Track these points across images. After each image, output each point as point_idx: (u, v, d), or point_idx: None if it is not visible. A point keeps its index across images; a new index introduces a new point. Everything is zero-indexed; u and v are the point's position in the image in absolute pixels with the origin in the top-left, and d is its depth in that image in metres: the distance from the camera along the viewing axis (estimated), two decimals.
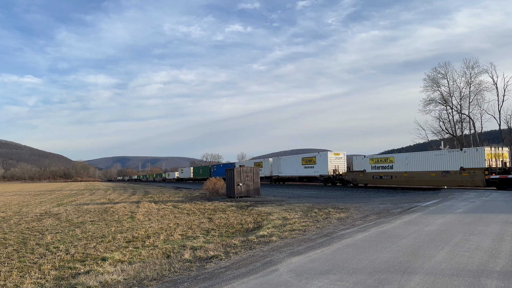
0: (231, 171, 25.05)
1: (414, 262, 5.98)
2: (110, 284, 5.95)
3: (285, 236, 9.24)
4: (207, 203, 21.40)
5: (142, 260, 7.93)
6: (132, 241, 10.54)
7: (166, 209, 19.29)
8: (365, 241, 7.94)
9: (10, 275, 7.38)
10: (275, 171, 47.82)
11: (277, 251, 7.41)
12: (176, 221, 14.24)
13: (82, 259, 8.48)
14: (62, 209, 21.15)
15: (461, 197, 17.32)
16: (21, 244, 10.85)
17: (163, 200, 26.06)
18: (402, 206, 14.81)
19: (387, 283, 4.98)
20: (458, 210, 12.54)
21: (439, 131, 46.99)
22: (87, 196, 35.60)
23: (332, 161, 37.73)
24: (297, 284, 5.12)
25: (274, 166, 48.21)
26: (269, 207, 17.01)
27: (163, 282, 5.80)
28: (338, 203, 17.92)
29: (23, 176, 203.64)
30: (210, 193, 27.61)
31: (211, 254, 7.62)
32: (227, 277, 5.69)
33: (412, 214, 11.94)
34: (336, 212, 13.70)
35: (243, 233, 10.90)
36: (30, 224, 15.05)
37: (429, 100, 47.01)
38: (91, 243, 10.49)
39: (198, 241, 9.79)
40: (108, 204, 23.93)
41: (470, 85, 44.42)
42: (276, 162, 48.25)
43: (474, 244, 7.22)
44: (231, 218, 14.25)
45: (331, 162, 37.63)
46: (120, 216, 17.05)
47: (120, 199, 29.72)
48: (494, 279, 5.06)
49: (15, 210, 22.10)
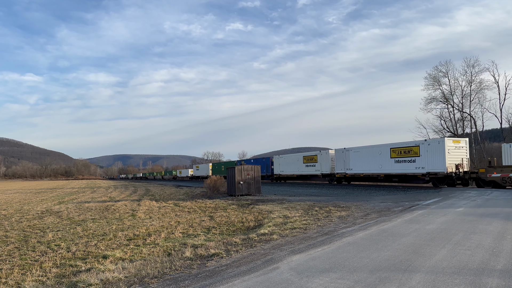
0: (232, 169, 25.05)
1: (415, 261, 5.98)
2: (111, 281, 5.96)
3: (286, 234, 9.24)
4: (208, 201, 21.42)
5: (143, 258, 7.94)
6: (133, 239, 10.55)
7: (167, 207, 19.31)
8: (366, 239, 7.93)
9: (11, 272, 7.40)
10: (340, 167, 34.78)
11: (278, 249, 7.41)
12: (177, 219, 14.26)
13: (83, 257, 8.50)
14: (63, 207, 21.19)
15: (462, 196, 17.30)
16: (23, 241, 10.88)
17: (164, 198, 26.09)
18: (403, 204, 14.80)
19: (388, 281, 4.98)
20: (459, 209, 12.52)
21: (440, 130, 46.97)
22: (88, 194, 35.66)
23: (451, 152, 25.66)
24: (298, 282, 5.12)
25: (338, 161, 34.94)
26: (270, 205, 17.01)
27: (164, 280, 5.81)
28: (339, 201, 17.92)
29: (25, 174, 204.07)
30: (211, 191, 27.63)
31: (212, 252, 7.63)
32: (228, 275, 5.69)
33: (413, 213, 11.93)
34: (337, 211, 13.70)
35: (244, 231, 10.91)
36: (31, 222, 15.09)
37: (431, 98, 47.00)
38: (92, 241, 10.51)
39: (199, 239, 9.80)
40: (109, 202, 23.97)
41: (471, 84, 44.36)
42: (341, 155, 34.45)
43: (475, 242, 7.21)
44: (232, 216, 14.26)
45: (449, 153, 25.73)
46: (121, 214, 17.07)
47: (121, 197, 29.77)
48: (495, 277, 5.05)
49: (16, 208, 22.15)
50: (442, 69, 46.17)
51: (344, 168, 33.99)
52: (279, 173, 45.45)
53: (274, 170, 46.52)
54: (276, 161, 46.36)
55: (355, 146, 33.18)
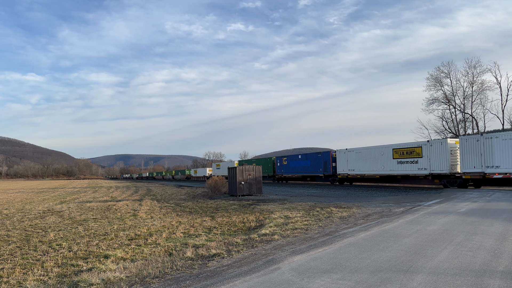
0: (233, 170, 25.07)
1: (416, 262, 5.97)
2: (113, 281, 5.97)
3: (287, 235, 9.23)
4: (209, 202, 21.43)
5: (144, 257, 7.95)
6: (135, 238, 10.57)
7: (169, 207, 19.33)
8: (368, 240, 7.92)
9: (13, 271, 7.42)
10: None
11: (279, 250, 7.41)
12: (178, 219, 14.27)
13: (85, 257, 8.51)
14: (65, 207, 21.23)
15: (464, 197, 17.26)
16: (24, 241, 10.90)
17: (166, 198, 26.11)
18: (404, 205, 14.78)
19: (389, 282, 4.97)
20: (460, 210, 12.49)
21: (442, 131, 46.96)
22: (90, 194, 35.72)
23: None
24: (299, 283, 5.12)
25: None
26: (271, 206, 17.01)
27: (165, 280, 5.81)
28: (340, 202, 17.90)
29: (26, 174, 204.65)
30: (212, 191, 27.64)
31: (213, 252, 7.63)
32: (229, 275, 5.69)
33: (414, 214, 11.90)
34: (338, 211, 13.68)
35: (245, 232, 10.91)
36: (33, 222, 15.12)
37: (432, 99, 47.01)
38: (94, 240, 10.53)
39: (200, 239, 9.80)
40: (111, 202, 24.00)
41: (473, 85, 44.33)
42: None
43: (477, 244, 7.19)
44: (233, 217, 14.26)
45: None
46: (123, 214, 17.10)
47: (123, 197, 29.80)
48: (497, 278, 5.04)
49: (18, 207, 22.20)
50: (444, 70, 46.21)
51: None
52: (347, 172, 33.38)
53: (337, 168, 35.17)
54: (341, 156, 34.35)
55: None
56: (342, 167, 33.42)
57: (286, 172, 45.24)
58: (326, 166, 37.11)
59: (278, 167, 46.58)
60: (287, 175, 45.38)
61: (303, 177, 42.81)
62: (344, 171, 33.15)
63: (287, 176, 46.43)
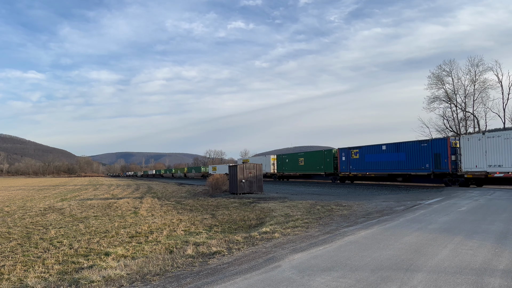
0: (234, 168, 25.09)
1: (416, 260, 5.97)
2: (113, 279, 5.98)
3: (288, 233, 9.24)
4: (210, 199, 21.45)
5: (145, 255, 7.96)
6: (135, 236, 10.58)
7: (169, 205, 19.35)
8: (368, 238, 7.92)
9: (14, 269, 7.44)
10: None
11: (280, 248, 7.41)
12: (179, 217, 14.28)
13: (86, 254, 8.53)
14: (66, 204, 21.27)
15: (465, 195, 17.24)
16: (25, 238, 10.93)
17: (166, 196, 26.14)
18: (405, 204, 14.77)
19: (390, 281, 4.97)
20: (461, 208, 12.48)
21: (443, 129, 46.88)
22: (91, 191, 35.77)
23: None
24: (300, 281, 5.12)
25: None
26: (271, 204, 17.01)
27: (166, 278, 5.82)
28: (340, 200, 17.90)
29: (27, 171, 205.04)
30: (213, 189, 27.67)
31: (213, 250, 7.63)
32: (229, 273, 5.70)
33: (415, 212, 11.90)
34: (339, 209, 13.68)
35: (246, 229, 10.92)
36: (34, 219, 15.15)
37: (434, 97, 46.89)
38: (95, 238, 10.55)
39: (201, 237, 9.81)
40: (112, 200, 24.03)
41: (474, 83, 44.21)
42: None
43: (477, 242, 7.19)
44: (233, 214, 14.27)
45: None
46: (124, 211, 17.12)
47: (124, 194, 29.85)
48: (497, 277, 5.04)
49: (19, 204, 22.25)
50: (445, 68, 46.06)
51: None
52: (493, 170, 22.00)
53: (462, 163, 23.65)
54: (471, 145, 23.16)
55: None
56: (475, 162, 23.00)
57: (358, 169, 32.95)
58: (438, 160, 25.52)
59: (342, 162, 34.51)
60: (360, 173, 33.11)
61: (390, 176, 30.24)
62: (480, 168, 22.75)
63: (359, 175, 33.63)
